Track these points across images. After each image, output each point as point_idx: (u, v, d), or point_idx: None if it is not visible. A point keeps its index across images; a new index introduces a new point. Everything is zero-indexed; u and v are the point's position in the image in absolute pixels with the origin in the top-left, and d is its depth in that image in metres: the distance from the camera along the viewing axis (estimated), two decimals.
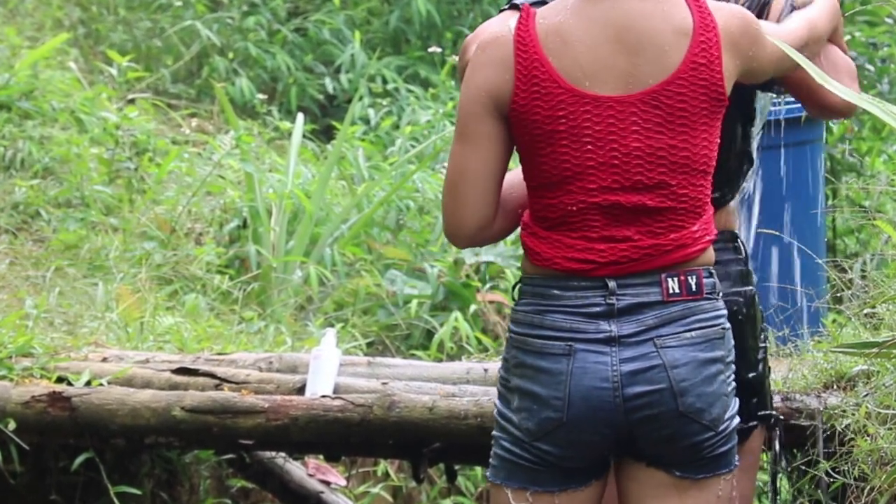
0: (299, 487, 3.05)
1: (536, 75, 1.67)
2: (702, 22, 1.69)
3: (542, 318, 1.70)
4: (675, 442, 1.70)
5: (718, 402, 1.71)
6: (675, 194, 1.69)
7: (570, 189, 1.69)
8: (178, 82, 5.73)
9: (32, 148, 4.23)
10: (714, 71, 1.68)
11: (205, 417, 2.46)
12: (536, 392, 1.70)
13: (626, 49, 1.68)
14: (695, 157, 1.70)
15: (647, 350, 1.68)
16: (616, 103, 1.68)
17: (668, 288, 1.69)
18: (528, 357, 1.71)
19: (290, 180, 4.31)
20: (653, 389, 1.68)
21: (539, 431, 1.70)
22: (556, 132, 1.68)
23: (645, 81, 1.67)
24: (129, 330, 3.17)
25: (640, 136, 1.68)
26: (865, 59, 4.38)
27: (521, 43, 1.69)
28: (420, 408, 2.41)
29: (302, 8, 6.23)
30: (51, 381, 2.60)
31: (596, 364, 1.68)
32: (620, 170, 1.68)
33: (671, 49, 1.68)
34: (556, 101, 1.67)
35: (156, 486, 2.98)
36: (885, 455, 2.02)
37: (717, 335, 1.71)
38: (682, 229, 1.71)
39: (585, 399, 1.68)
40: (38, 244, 3.92)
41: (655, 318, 1.69)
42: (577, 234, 1.70)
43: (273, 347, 3.26)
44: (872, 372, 2.23)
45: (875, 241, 3.88)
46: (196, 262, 3.92)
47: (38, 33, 5.39)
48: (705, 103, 1.69)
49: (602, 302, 1.69)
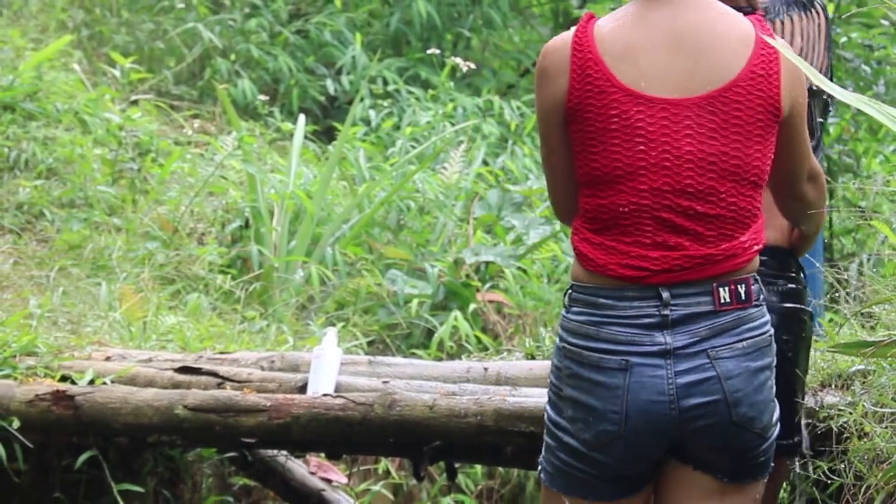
0: (301, 485, 3.06)
1: (590, 73, 1.69)
2: (763, 38, 1.70)
3: (597, 329, 1.71)
4: (726, 450, 1.72)
5: (767, 410, 1.73)
6: (724, 202, 1.70)
7: (621, 189, 1.70)
8: (180, 84, 5.75)
9: (36, 149, 4.25)
10: (772, 84, 1.69)
11: (207, 416, 2.47)
12: (593, 405, 1.71)
13: (686, 54, 1.69)
14: (745, 167, 1.70)
15: (701, 361, 1.69)
16: (671, 105, 1.69)
17: (720, 297, 1.70)
18: (583, 370, 1.71)
19: (291, 181, 4.33)
20: (708, 401, 1.69)
21: (596, 443, 1.71)
22: (608, 129, 1.69)
23: (702, 87, 1.69)
24: (132, 329, 3.18)
25: (692, 139, 1.69)
26: (861, 61, 4.40)
27: (577, 45, 1.71)
28: (420, 406, 2.42)
29: (303, 10, 6.25)
30: (55, 379, 2.61)
31: (653, 378, 1.69)
32: (672, 172, 1.69)
33: (731, 57, 1.69)
34: (610, 99, 1.69)
35: (158, 484, 2.99)
36: (882, 453, 2.03)
37: (765, 343, 1.73)
38: (732, 239, 1.71)
39: (643, 413, 1.69)
40: (41, 244, 3.93)
41: (708, 328, 1.69)
42: (629, 239, 1.71)
43: (275, 346, 3.27)
44: (869, 371, 2.24)
45: (871, 241, 3.90)
46: (198, 261, 3.94)
47: (42, 35, 5.41)
48: (761, 114, 1.70)
49: (657, 313, 1.69)
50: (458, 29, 6.10)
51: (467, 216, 4.44)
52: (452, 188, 4.52)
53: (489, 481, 3.57)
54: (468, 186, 4.60)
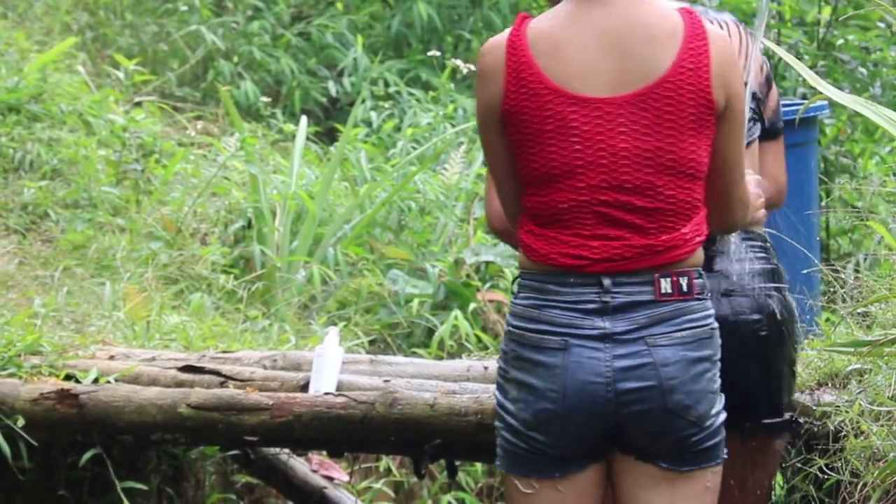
0: (303, 483, 3.08)
1: (524, 76, 1.72)
2: (693, 31, 1.73)
3: (539, 312, 1.75)
4: (662, 436, 1.75)
5: (705, 400, 1.75)
6: (662, 195, 1.73)
7: (560, 187, 1.74)
8: (183, 85, 5.77)
9: (41, 150, 4.26)
10: (701, 77, 1.72)
11: (210, 414, 2.48)
12: (533, 384, 1.74)
13: (617, 53, 1.72)
14: (681, 161, 1.73)
15: (639, 348, 1.73)
16: (604, 104, 1.72)
17: (661, 288, 1.73)
18: (525, 350, 1.76)
19: (293, 181, 4.35)
20: (643, 386, 1.73)
21: (535, 422, 1.75)
22: (544, 130, 1.73)
23: (634, 84, 1.72)
24: (135, 328, 3.19)
25: (627, 136, 1.72)
26: (858, 63, 4.42)
27: (511, 47, 1.74)
28: (421, 405, 2.43)
29: (305, 13, 6.27)
30: (59, 378, 2.62)
31: (590, 359, 1.73)
32: (608, 169, 1.72)
33: (661, 53, 1.72)
34: (544, 100, 1.72)
35: (162, 482, 3.00)
36: (878, 451, 2.05)
37: (706, 335, 1.76)
38: (673, 230, 1.75)
39: (580, 392, 1.73)
40: (46, 244, 3.95)
41: (647, 317, 1.73)
42: (570, 232, 1.75)
43: (277, 345, 3.28)
44: (865, 370, 2.25)
45: (868, 241, 3.91)
46: (201, 261, 3.96)
47: (46, 38, 5.43)
48: (693, 108, 1.72)
49: (597, 299, 1.73)
50: (459, 31, 6.12)
51: (468, 216, 4.45)
52: (453, 189, 4.54)
53: (489, 479, 3.59)
54: (468, 187, 4.61)
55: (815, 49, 4.42)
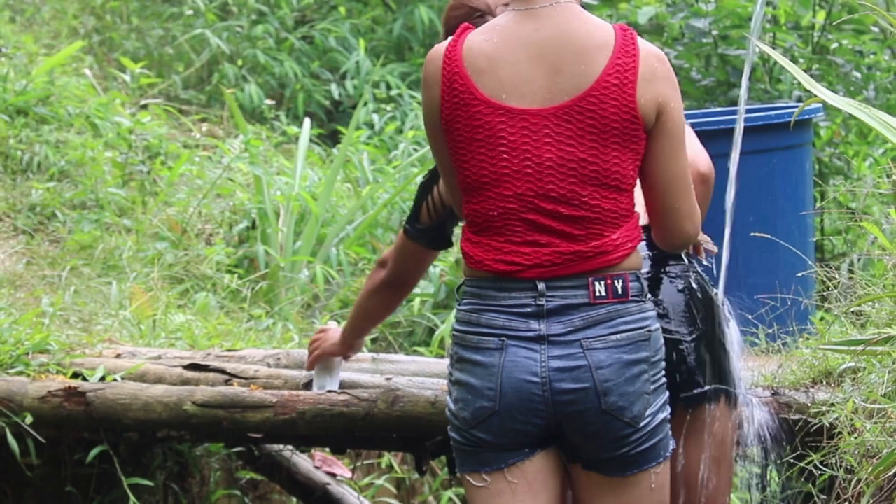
0: (306, 479, 3.10)
1: (456, 87, 1.78)
2: (623, 47, 1.77)
3: (478, 316, 1.80)
4: (599, 437, 1.79)
5: (639, 401, 1.79)
6: (587, 204, 1.77)
7: (489, 195, 1.79)
8: (189, 88, 5.81)
9: (49, 151, 4.29)
10: (626, 93, 1.75)
11: (215, 412, 2.51)
12: (472, 384, 1.79)
13: (547, 66, 1.77)
14: (605, 172, 1.77)
15: (574, 350, 1.77)
16: (531, 115, 1.77)
17: (595, 291, 1.77)
18: (466, 352, 1.81)
19: (297, 183, 4.39)
20: (578, 388, 1.77)
21: (474, 420, 1.80)
22: (475, 139, 1.78)
23: (561, 97, 1.76)
24: (141, 327, 3.22)
25: (552, 147, 1.77)
26: (852, 66, 4.44)
27: (447, 58, 1.79)
28: (423, 402, 2.46)
29: (309, 17, 6.31)
30: (66, 376, 2.64)
31: (526, 359, 1.77)
32: (534, 178, 1.77)
33: (588, 67, 1.76)
34: (474, 111, 1.77)
35: (167, 479, 3.03)
36: (871, 448, 2.06)
37: (643, 337, 1.79)
38: (601, 237, 1.78)
39: (516, 390, 1.77)
40: (54, 244, 3.98)
41: (582, 319, 1.77)
42: (503, 239, 1.80)
43: (281, 344, 3.31)
44: (859, 368, 2.26)
45: (861, 241, 3.93)
46: (206, 261, 3.99)
47: (54, 41, 5.47)
48: (616, 122, 1.76)
49: (532, 303, 1.77)
50: None
51: None
52: None
53: None
54: None
55: (809, 53, 4.45)
